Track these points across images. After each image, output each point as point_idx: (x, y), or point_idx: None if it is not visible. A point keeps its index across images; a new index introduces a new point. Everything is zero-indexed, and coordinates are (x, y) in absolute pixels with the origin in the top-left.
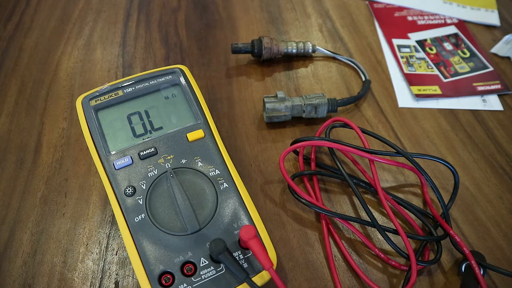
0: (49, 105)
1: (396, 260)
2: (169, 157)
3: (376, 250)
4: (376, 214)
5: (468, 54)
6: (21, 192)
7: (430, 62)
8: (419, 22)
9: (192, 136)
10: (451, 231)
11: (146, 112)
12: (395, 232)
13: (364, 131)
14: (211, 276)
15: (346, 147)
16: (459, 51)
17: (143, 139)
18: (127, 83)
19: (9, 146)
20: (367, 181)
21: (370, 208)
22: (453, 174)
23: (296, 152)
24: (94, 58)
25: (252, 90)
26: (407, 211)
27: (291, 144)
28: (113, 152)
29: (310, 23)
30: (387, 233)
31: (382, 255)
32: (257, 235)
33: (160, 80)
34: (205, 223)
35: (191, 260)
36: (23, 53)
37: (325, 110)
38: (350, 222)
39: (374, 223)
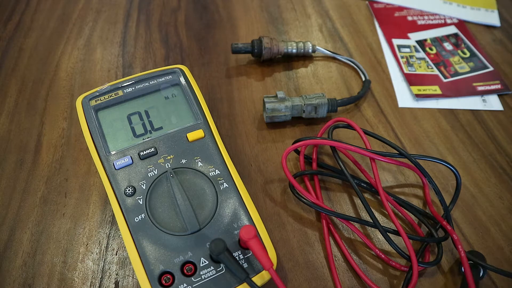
0: (49, 105)
1: (397, 261)
2: (169, 157)
3: (377, 250)
4: (376, 215)
5: (468, 54)
6: (21, 192)
7: (430, 62)
8: (419, 22)
9: (192, 136)
10: (454, 235)
11: (146, 112)
12: (396, 233)
13: (366, 132)
14: (211, 276)
15: (350, 147)
16: (459, 51)
17: (143, 139)
18: (127, 83)
19: (9, 146)
20: (368, 181)
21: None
22: (455, 176)
23: (297, 152)
24: (94, 58)
25: (252, 90)
26: (408, 212)
27: (294, 143)
28: (113, 152)
29: (310, 23)
30: (388, 233)
31: (383, 256)
32: (257, 235)
33: (160, 80)
34: (205, 223)
35: (191, 260)
36: (23, 53)
37: (325, 110)
38: (351, 222)
39: (376, 224)
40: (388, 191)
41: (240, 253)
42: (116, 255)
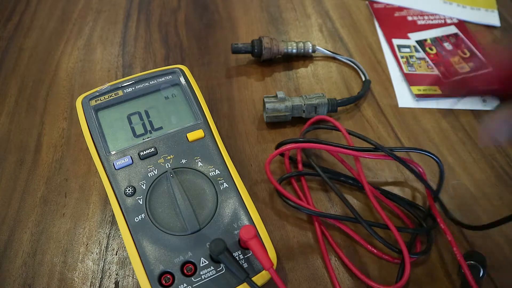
0: (49, 105)
1: (391, 255)
2: (169, 157)
3: (369, 246)
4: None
5: (468, 54)
6: (21, 192)
7: (430, 62)
8: (419, 22)
9: (192, 136)
10: (448, 235)
11: (146, 112)
12: (385, 226)
13: (350, 132)
14: (211, 276)
15: (329, 147)
16: (459, 51)
17: (143, 139)
18: (127, 83)
19: (9, 146)
20: (353, 176)
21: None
22: (437, 163)
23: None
24: (94, 58)
25: (252, 90)
26: (396, 204)
27: (276, 148)
28: (113, 152)
29: (310, 23)
30: (377, 228)
31: (375, 251)
32: (257, 235)
33: (160, 80)
34: (205, 223)
35: (191, 260)
36: (23, 53)
37: (325, 110)
38: (339, 221)
39: (358, 219)
40: (378, 185)
41: (240, 253)
42: (116, 255)
